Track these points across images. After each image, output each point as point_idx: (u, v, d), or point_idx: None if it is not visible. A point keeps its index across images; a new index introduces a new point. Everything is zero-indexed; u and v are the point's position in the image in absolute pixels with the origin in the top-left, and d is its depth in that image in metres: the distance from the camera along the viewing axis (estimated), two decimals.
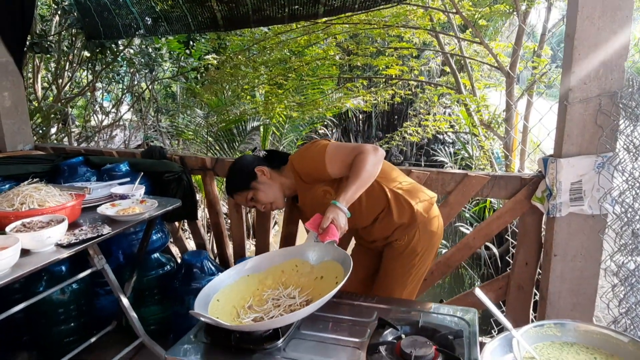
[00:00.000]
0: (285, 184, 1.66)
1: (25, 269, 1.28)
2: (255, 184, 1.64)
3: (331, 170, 1.52)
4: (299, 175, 1.60)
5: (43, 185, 1.58)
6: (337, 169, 1.52)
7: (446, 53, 4.77)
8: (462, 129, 6.05)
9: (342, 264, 1.26)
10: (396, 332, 1.16)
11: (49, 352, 2.21)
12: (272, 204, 1.68)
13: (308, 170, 1.57)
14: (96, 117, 7.39)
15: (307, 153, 1.60)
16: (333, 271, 1.27)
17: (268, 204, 1.67)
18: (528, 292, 1.94)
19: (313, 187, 1.60)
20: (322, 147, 1.55)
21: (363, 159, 1.45)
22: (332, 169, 1.52)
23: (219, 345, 1.13)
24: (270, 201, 1.66)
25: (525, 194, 1.84)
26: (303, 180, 1.60)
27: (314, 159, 1.55)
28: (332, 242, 1.34)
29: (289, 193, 1.69)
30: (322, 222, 1.36)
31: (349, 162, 1.50)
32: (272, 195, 1.65)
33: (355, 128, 12.16)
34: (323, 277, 1.30)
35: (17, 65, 2.62)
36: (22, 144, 2.69)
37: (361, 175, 1.43)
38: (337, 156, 1.52)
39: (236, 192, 1.68)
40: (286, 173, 1.66)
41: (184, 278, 2.26)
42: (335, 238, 1.33)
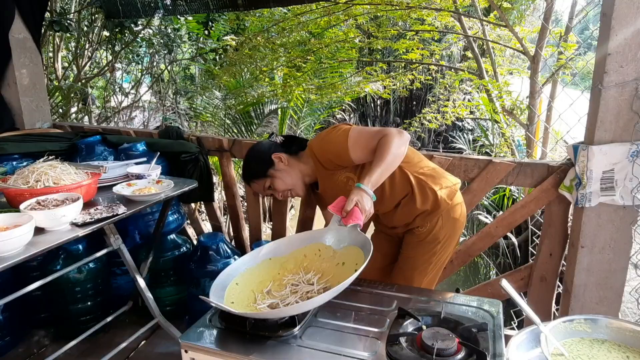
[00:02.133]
0: (304, 171, 1.60)
1: (39, 247, 1.26)
2: (273, 172, 1.58)
3: (354, 155, 1.46)
4: (319, 162, 1.55)
5: (59, 163, 1.57)
6: (360, 154, 1.46)
7: (469, 37, 4.62)
8: (482, 116, 5.90)
9: (362, 249, 1.21)
10: (417, 323, 1.12)
11: (66, 329, 2.23)
12: (290, 192, 1.63)
13: (329, 156, 1.51)
14: (116, 98, 7.43)
15: (328, 138, 1.53)
16: (354, 257, 1.23)
17: (286, 191, 1.62)
18: (551, 284, 1.87)
19: (334, 173, 1.55)
20: (344, 131, 1.49)
21: (388, 142, 1.39)
22: (355, 154, 1.46)
23: (233, 331, 1.10)
24: (288, 189, 1.61)
25: (553, 182, 1.76)
26: (324, 166, 1.54)
27: (336, 144, 1.49)
28: (356, 225, 1.29)
29: (308, 180, 1.63)
30: (345, 205, 1.30)
31: (372, 146, 1.43)
32: (291, 183, 1.60)
33: (373, 113, 12.02)
34: (344, 264, 1.26)
35: (36, 42, 2.60)
36: (40, 122, 2.69)
37: (386, 158, 1.36)
38: (360, 141, 1.46)
39: (253, 180, 1.63)
40: (305, 159, 1.60)
41: (199, 260, 2.25)
42: (360, 222, 1.28)
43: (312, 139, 1.61)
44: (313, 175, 1.61)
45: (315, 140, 1.59)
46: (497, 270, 4.76)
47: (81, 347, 2.16)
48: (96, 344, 2.22)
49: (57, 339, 2.27)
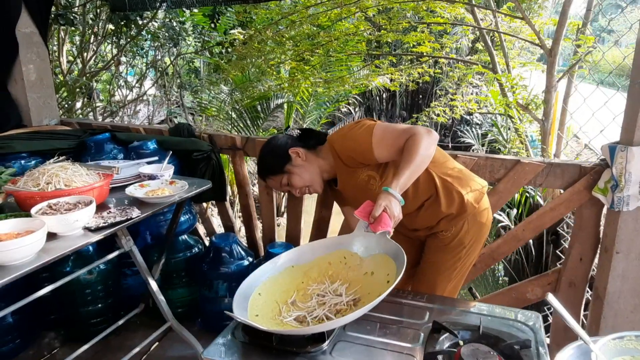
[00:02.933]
0: (323, 167, 1.52)
1: (52, 254, 1.19)
2: (290, 167, 1.51)
3: (379, 154, 1.38)
4: (339, 158, 1.46)
5: (70, 164, 1.50)
6: (385, 153, 1.38)
7: (482, 29, 4.51)
8: (493, 110, 5.79)
9: (394, 260, 1.13)
10: (453, 338, 1.05)
11: (77, 332, 2.19)
12: (308, 188, 1.55)
13: (351, 153, 1.43)
14: (120, 92, 7.36)
15: (350, 134, 1.45)
16: (384, 267, 1.15)
17: (304, 188, 1.54)
18: (580, 289, 1.80)
19: (355, 171, 1.47)
20: (369, 127, 1.40)
21: (416, 142, 1.30)
22: (379, 152, 1.38)
23: (258, 346, 1.04)
24: (306, 185, 1.53)
25: (585, 184, 1.68)
26: (344, 163, 1.46)
27: (359, 141, 1.41)
28: (385, 232, 1.21)
29: (327, 176, 1.56)
30: (373, 211, 1.22)
31: (399, 146, 1.35)
32: (309, 179, 1.52)
33: (378, 107, 11.91)
34: (373, 273, 1.18)
35: (42, 37, 2.53)
36: (47, 119, 2.62)
37: (415, 160, 1.28)
38: (385, 139, 1.38)
39: (269, 176, 1.56)
40: (324, 154, 1.52)
41: (212, 262, 2.18)
42: (389, 228, 1.20)
43: (333, 133, 1.53)
44: (332, 171, 1.53)
45: (336, 135, 1.50)
46: (508, 267, 4.68)
47: (92, 350, 2.10)
48: (107, 346, 2.17)
49: (68, 341, 2.22)
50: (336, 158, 1.47)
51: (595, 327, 1.69)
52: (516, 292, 1.91)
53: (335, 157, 1.48)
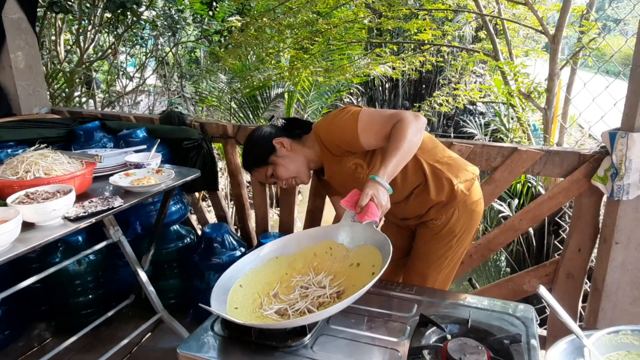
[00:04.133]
0: (309, 156, 1.47)
1: (28, 244, 1.16)
2: (275, 159, 1.46)
3: (365, 141, 1.33)
4: (325, 147, 1.41)
5: (50, 152, 1.45)
6: (372, 140, 1.33)
7: (485, 16, 4.41)
8: (496, 99, 5.70)
9: (381, 251, 1.09)
10: (441, 332, 1.01)
11: (67, 323, 2.16)
12: (295, 179, 1.50)
13: (337, 141, 1.38)
14: (120, 82, 7.31)
15: (335, 121, 1.39)
16: (370, 258, 1.11)
17: (290, 179, 1.49)
18: (579, 281, 1.75)
19: (342, 159, 1.42)
20: (354, 114, 1.35)
21: (403, 128, 1.24)
22: (365, 140, 1.33)
23: (238, 340, 1.00)
24: (292, 176, 1.48)
25: (584, 172, 1.62)
26: (330, 152, 1.41)
27: (345, 129, 1.35)
28: (372, 223, 1.16)
29: (313, 166, 1.51)
30: (360, 200, 1.17)
31: (385, 132, 1.30)
32: (294, 170, 1.47)
33: (381, 97, 11.79)
34: (359, 265, 1.14)
35: (31, 23, 2.47)
36: (37, 107, 2.57)
37: (402, 147, 1.22)
38: (372, 125, 1.32)
39: (254, 168, 1.51)
40: (310, 143, 1.47)
41: (203, 252, 2.15)
42: (376, 218, 1.15)
43: (318, 122, 1.48)
44: (319, 160, 1.48)
45: (321, 123, 1.45)
46: (509, 259, 4.64)
47: (83, 342, 2.08)
48: (98, 338, 2.15)
49: (58, 332, 2.19)
50: (322, 147, 1.42)
51: (593, 319, 1.64)
52: (513, 284, 1.86)
53: (321, 145, 1.43)
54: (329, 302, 1.04)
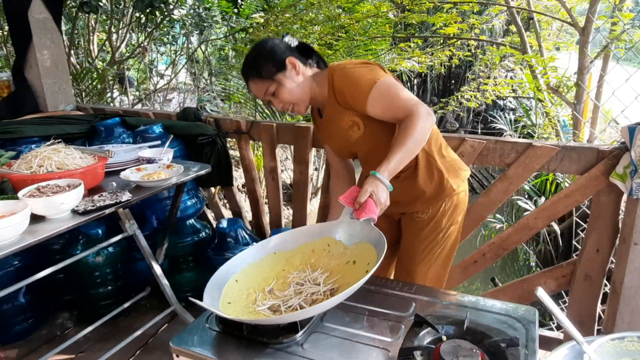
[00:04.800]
0: (314, 90, 1.39)
1: (37, 236, 1.20)
2: (282, 78, 1.34)
3: (370, 108, 1.29)
4: (333, 91, 1.35)
5: (63, 147, 1.51)
6: (377, 111, 1.29)
7: (511, 8, 4.27)
8: (525, 94, 5.52)
9: (376, 248, 1.07)
10: (436, 333, 0.98)
11: (87, 313, 2.24)
12: (293, 106, 1.40)
13: (345, 91, 1.32)
14: (152, 80, 7.50)
15: (353, 72, 1.32)
16: (366, 256, 1.09)
17: (288, 104, 1.39)
18: (597, 283, 1.67)
19: (343, 112, 1.36)
20: (374, 76, 1.28)
21: (413, 124, 1.20)
22: (372, 107, 1.28)
23: (230, 335, 1.00)
24: (292, 102, 1.38)
25: (602, 169, 1.55)
26: (336, 98, 1.36)
27: (357, 85, 1.29)
28: (369, 220, 1.14)
29: (314, 103, 1.44)
30: (359, 197, 1.15)
31: (394, 113, 1.26)
32: (298, 96, 1.37)
33: None
34: (355, 262, 1.12)
35: (56, 23, 2.56)
36: (63, 104, 2.67)
37: (408, 144, 1.19)
38: (385, 98, 1.27)
39: (256, 78, 1.37)
40: (319, 80, 1.39)
41: (217, 247, 2.18)
42: (374, 215, 1.14)
43: (337, 63, 1.39)
44: (321, 100, 1.41)
45: (339, 66, 1.37)
46: (537, 260, 4.50)
47: (102, 331, 2.16)
48: (117, 328, 2.22)
49: (79, 322, 2.28)
50: (330, 90, 1.36)
51: (611, 323, 1.57)
52: (528, 285, 1.80)
53: (330, 88, 1.36)
54: (322, 299, 1.03)
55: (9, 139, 2.07)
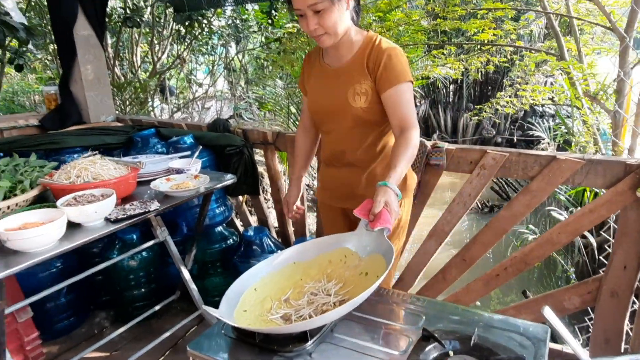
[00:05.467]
0: (347, 36, 1.37)
1: (73, 242, 1.30)
2: (336, 1, 1.27)
3: (387, 95, 1.35)
4: (369, 54, 1.36)
5: (99, 158, 1.62)
6: (390, 102, 1.35)
7: (547, 13, 4.17)
8: (561, 101, 5.33)
9: (384, 257, 1.10)
10: (442, 349, 1.00)
11: (122, 313, 2.37)
12: (324, 35, 1.32)
13: (382, 65, 1.34)
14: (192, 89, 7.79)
15: (398, 57, 1.35)
16: (377, 267, 1.12)
17: (323, 30, 1.30)
18: (624, 300, 1.62)
19: (364, 75, 1.37)
20: (409, 76, 1.35)
21: (415, 139, 1.33)
22: (389, 95, 1.34)
23: (244, 342, 1.05)
24: (329, 30, 1.30)
25: (630, 183, 1.50)
26: (367, 61, 1.37)
27: (394, 69, 1.33)
28: (384, 230, 1.18)
29: (335, 46, 1.38)
30: (373, 208, 1.19)
31: (401, 115, 1.35)
32: (336, 28, 1.31)
33: (444, 99, 11.45)
34: (367, 274, 1.16)
35: (99, 39, 2.73)
36: (104, 115, 2.84)
37: (410, 155, 1.29)
38: (404, 98, 1.35)
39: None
40: (355, 33, 1.39)
41: (244, 254, 2.26)
42: (389, 225, 1.17)
43: (378, 34, 1.42)
44: (342, 50, 1.40)
45: (386, 40, 1.39)
46: (575, 271, 4.33)
47: (135, 331, 2.27)
48: (148, 329, 2.33)
49: (115, 321, 2.41)
50: (366, 50, 1.37)
51: (638, 342, 1.52)
52: (552, 300, 1.76)
53: (366, 49, 1.38)
54: (331, 310, 1.07)
55: (54, 149, 2.23)
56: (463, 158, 1.81)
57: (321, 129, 1.57)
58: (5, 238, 1.16)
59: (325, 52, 1.48)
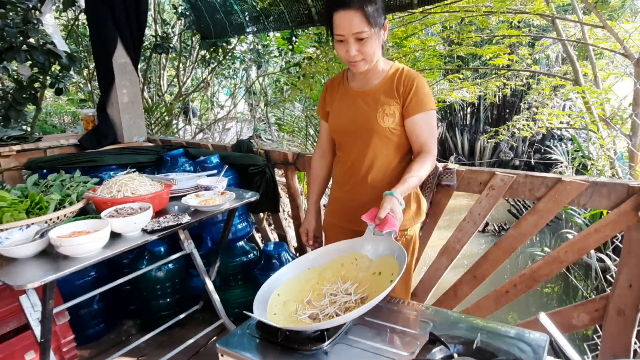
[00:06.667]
0: (378, 63, 1.49)
1: (114, 250, 1.45)
2: (378, 31, 1.38)
3: (411, 121, 1.48)
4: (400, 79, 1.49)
5: (137, 176, 1.78)
6: (415, 127, 1.48)
7: (560, 40, 4.27)
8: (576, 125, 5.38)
9: (397, 259, 1.21)
10: (447, 351, 1.09)
11: (148, 322, 2.49)
12: (362, 61, 1.42)
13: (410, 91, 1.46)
14: (214, 111, 8.08)
15: (424, 85, 1.49)
16: (389, 267, 1.24)
17: (362, 56, 1.40)
18: (630, 318, 1.67)
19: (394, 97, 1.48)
20: (432, 103, 1.49)
21: (430, 163, 1.45)
22: (414, 122, 1.47)
23: (267, 341, 1.17)
24: (367, 57, 1.41)
25: (632, 205, 1.58)
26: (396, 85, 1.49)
27: (420, 96, 1.46)
28: (391, 232, 1.30)
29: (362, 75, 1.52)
30: (379, 213, 1.31)
31: (423, 140, 1.48)
32: (373, 55, 1.42)
33: (461, 122, 11.52)
34: (381, 273, 1.27)
35: (134, 66, 2.95)
36: (137, 136, 3.04)
37: (421, 175, 1.42)
38: (428, 124, 1.49)
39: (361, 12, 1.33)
40: (383, 60, 1.52)
41: (263, 267, 2.38)
42: (395, 228, 1.29)
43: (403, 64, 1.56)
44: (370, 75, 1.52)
45: (411, 69, 1.54)
46: (596, 294, 4.30)
47: (160, 339, 2.40)
48: (172, 337, 2.46)
49: (141, 329, 2.54)
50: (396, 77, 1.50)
51: None
52: (561, 317, 1.82)
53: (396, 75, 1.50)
54: (354, 307, 1.18)
55: (93, 167, 2.41)
56: (473, 179, 1.92)
57: (342, 149, 1.63)
58: (59, 244, 1.31)
59: (352, 76, 1.59)
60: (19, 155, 2.54)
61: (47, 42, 2.87)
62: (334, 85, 1.65)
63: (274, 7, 3.19)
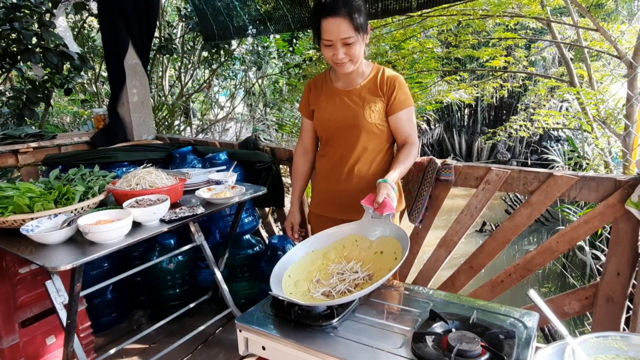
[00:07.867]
0: (361, 64, 1.61)
1: (135, 237, 1.55)
2: (363, 36, 1.51)
3: (395, 117, 1.63)
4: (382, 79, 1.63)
5: (154, 170, 1.88)
6: (398, 123, 1.63)
7: (555, 42, 4.39)
8: (571, 125, 5.50)
9: (399, 240, 1.33)
10: (446, 326, 1.20)
11: (159, 311, 2.59)
12: (349, 63, 1.54)
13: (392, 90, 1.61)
14: (213, 111, 8.18)
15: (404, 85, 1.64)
16: (391, 247, 1.34)
17: (348, 58, 1.52)
18: (619, 304, 1.78)
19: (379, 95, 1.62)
20: (411, 101, 1.64)
21: (414, 153, 1.62)
22: (397, 118, 1.63)
23: (281, 318, 1.27)
24: (354, 59, 1.53)
25: (619, 197, 1.70)
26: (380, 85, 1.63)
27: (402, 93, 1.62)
28: (390, 215, 1.41)
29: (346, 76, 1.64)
30: (377, 198, 1.43)
31: (406, 134, 1.63)
32: (359, 57, 1.54)
33: (459, 123, 11.66)
34: (382, 252, 1.37)
35: (144, 67, 3.06)
36: (146, 134, 3.14)
37: (408, 163, 1.59)
38: (410, 119, 1.63)
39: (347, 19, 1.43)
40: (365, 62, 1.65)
41: (269, 259, 2.48)
42: (393, 211, 1.41)
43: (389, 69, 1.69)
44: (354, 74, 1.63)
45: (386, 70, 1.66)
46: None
47: (169, 327, 2.50)
48: (182, 326, 2.56)
49: (152, 318, 2.64)
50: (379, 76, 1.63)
51: None
52: (553, 305, 1.93)
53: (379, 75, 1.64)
54: (363, 283, 1.28)
55: (106, 163, 2.51)
56: (470, 174, 2.03)
57: (329, 144, 1.73)
58: (87, 230, 1.42)
59: (335, 77, 1.70)
60: (36, 152, 2.64)
61: (60, 44, 2.97)
62: (318, 85, 1.74)
63: (277, 10, 3.30)
